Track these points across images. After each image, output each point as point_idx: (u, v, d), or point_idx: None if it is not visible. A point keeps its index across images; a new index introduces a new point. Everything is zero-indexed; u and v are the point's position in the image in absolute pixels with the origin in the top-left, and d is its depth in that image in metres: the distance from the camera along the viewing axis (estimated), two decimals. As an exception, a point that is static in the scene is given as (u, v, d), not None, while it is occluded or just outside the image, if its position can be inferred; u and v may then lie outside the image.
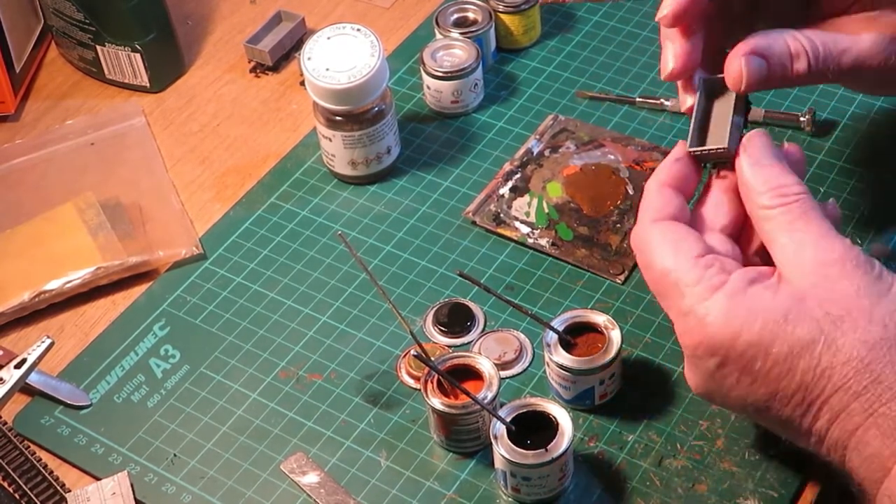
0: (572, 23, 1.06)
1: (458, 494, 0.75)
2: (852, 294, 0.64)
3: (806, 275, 0.65)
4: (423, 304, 0.86)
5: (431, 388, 0.76)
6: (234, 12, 1.13)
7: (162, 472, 0.78)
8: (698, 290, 0.66)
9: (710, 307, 0.66)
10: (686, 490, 0.74)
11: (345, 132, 0.91)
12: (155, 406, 0.82)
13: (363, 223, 0.92)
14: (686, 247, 0.68)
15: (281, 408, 0.81)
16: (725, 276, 0.66)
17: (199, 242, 0.91)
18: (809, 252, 0.66)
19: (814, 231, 0.66)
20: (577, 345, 0.77)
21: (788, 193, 0.67)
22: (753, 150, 0.69)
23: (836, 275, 0.65)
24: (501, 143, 0.96)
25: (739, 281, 0.66)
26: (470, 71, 0.97)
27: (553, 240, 0.88)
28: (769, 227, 0.67)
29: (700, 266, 0.67)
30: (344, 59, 0.90)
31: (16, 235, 0.92)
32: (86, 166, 0.98)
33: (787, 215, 0.67)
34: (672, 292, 0.68)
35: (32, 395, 0.83)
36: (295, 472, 0.77)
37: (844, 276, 0.64)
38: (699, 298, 0.66)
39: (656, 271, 0.69)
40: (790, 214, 0.67)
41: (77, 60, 1.07)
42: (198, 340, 0.85)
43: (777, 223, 0.67)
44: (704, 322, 0.66)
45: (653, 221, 0.70)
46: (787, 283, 0.65)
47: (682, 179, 0.72)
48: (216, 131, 1.01)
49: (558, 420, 0.73)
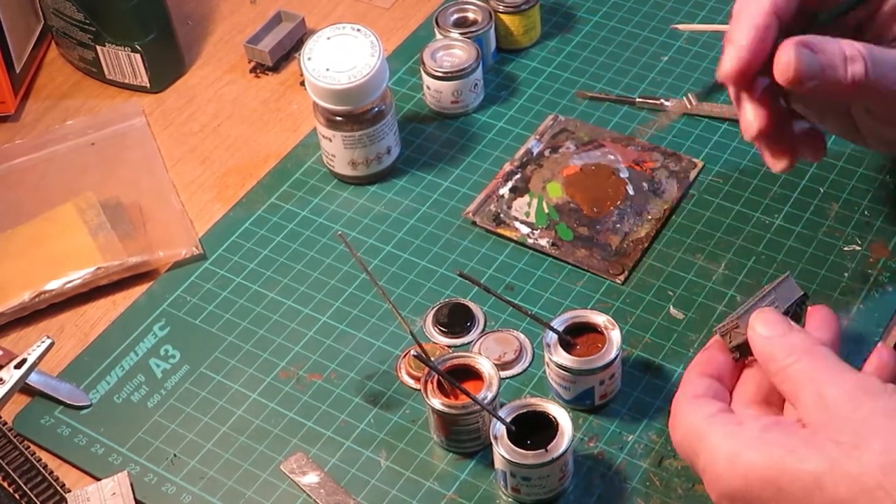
0: (572, 23, 1.06)
1: (458, 495, 0.75)
2: (866, 420, 0.62)
3: (818, 410, 0.64)
4: (423, 304, 0.86)
5: (431, 388, 0.76)
6: (234, 12, 1.13)
7: (162, 472, 0.78)
8: (711, 441, 0.65)
9: (721, 455, 0.65)
10: (686, 490, 0.74)
11: (345, 132, 0.91)
12: (155, 406, 0.82)
13: (363, 223, 0.92)
14: (701, 409, 0.68)
15: (281, 408, 0.81)
16: (737, 424, 0.66)
17: (200, 243, 0.91)
18: (822, 389, 0.64)
19: (823, 373, 0.65)
20: (577, 345, 0.77)
21: (796, 352, 0.66)
22: (760, 326, 0.69)
23: (848, 406, 0.63)
24: (501, 144, 0.96)
25: (753, 425, 0.65)
26: (470, 71, 0.97)
27: (553, 240, 0.88)
28: (788, 387, 0.66)
29: (712, 422, 0.66)
30: (344, 59, 0.90)
31: (16, 235, 0.92)
32: (86, 166, 0.98)
33: (801, 370, 0.66)
34: (692, 452, 0.67)
35: (32, 396, 0.83)
36: (295, 473, 0.77)
37: (858, 405, 0.63)
38: (713, 449, 0.65)
39: (678, 441, 0.68)
40: (803, 367, 0.66)
41: (77, 60, 1.07)
42: (198, 340, 0.85)
43: (793, 380, 0.66)
44: (718, 472, 0.65)
45: (678, 403, 0.69)
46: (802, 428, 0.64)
47: (713, 365, 0.71)
48: (216, 131, 1.01)
49: (558, 420, 0.73)
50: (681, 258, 0.86)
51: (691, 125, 0.95)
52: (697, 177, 0.92)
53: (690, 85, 0.99)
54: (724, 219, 0.88)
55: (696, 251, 0.87)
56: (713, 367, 0.71)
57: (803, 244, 0.86)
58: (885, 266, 0.84)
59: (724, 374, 0.71)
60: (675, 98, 0.97)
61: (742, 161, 0.92)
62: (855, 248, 0.85)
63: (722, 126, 0.95)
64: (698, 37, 1.03)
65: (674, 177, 0.91)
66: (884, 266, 0.84)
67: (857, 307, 0.82)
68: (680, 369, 0.80)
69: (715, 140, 0.94)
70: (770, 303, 0.71)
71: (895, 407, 0.62)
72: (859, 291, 0.83)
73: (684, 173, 0.91)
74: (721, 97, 0.95)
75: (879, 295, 0.83)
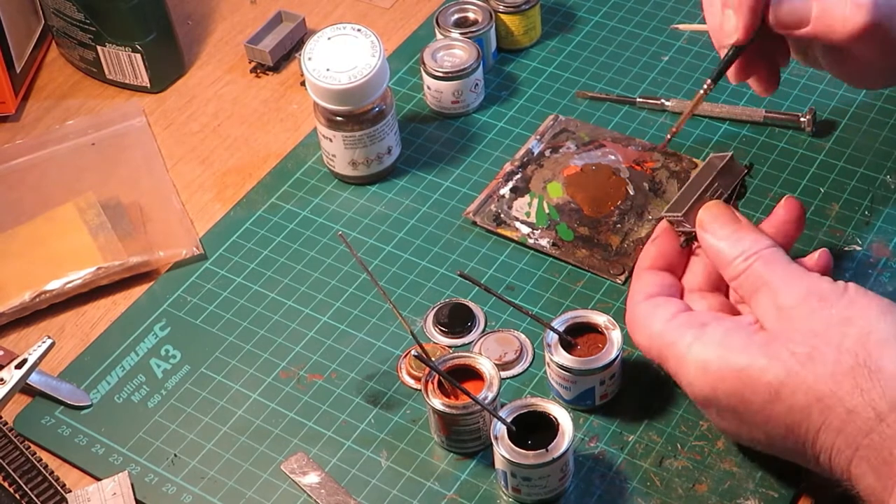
0: (573, 23, 1.06)
1: (459, 495, 0.75)
2: (819, 328, 0.64)
3: (774, 318, 0.67)
4: (423, 304, 0.86)
5: (432, 388, 0.76)
6: (235, 12, 1.13)
7: (162, 472, 0.78)
8: (678, 349, 0.68)
9: (689, 364, 0.68)
10: (686, 490, 0.74)
11: (345, 132, 0.91)
12: (155, 406, 0.82)
13: (363, 223, 0.92)
14: (659, 313, 0.70)
15: (281, 408, 0.81)
16: (700, 328, 0.68)
17: (200, 243, 0.91)
18: (776, 297, 0.67)
19: (778, 279, 0.67)
20: (578, 345, 0.77)
21: (752, 253, 0.69)
22: (709, 225, 0.71)
23: (802, 313, 0.65)
24: (502, 144, 0.96)
25: (714, 332, 0.68)
26: (470, 71, 0.97)
27: (553, 240, 0.88)
28: (743, 290, 0.70)
29: (673, 327, 0.69)
30: (344, 59, 0.90)
31: (16, 235, 0.92)
32: (86, 166, 0.98)
33: (755, 274, 0.68)
34: (661, 359, 0.71)
35: (33, 396, 0.83)
36: (295, 473, 0.77)
37: (810, 313, 0.65)
38: (680, 357, 0.68)
39: (643, 347, 0.72)
40: (756, 272, 0.68)
41: (77, 61, 1.07)
42: (198, 341, 0.85)
43: (748, 284, 0.69)
44: (689, 381, 0.68)
45: (633, 304, 0.73)
46: (760, 331, 0.67)
47: (663, 257, 0.74)
48: (217, 131, 1.01)
49: (559, 420, 0.73)
50: (681, 258, 0.87)
51: (691, 125, 0.95)
52: (698, 177, 0.92)
53: (691, 85, 0.99)
54: (724, 219, 0.88)
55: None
56: (663, 260, 0.74)
57: (803, 244, 0.86)
58: (885, 266, 0.84)
59: (674, 264, 0.74)
60: (676, 98, 0.97)
61: (742, 161, 0.92)
62: (855, 248, 0.85)
63: (722, 126, 0.95)
64: (698, 37, 1.03)
65: (674, 177, 0.91)
66: (884, 266, 0.84)
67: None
68: (680, 369, 0.80)
69: (715, 140, 0.94)
70: (714, 191, 0.71)
71: (847, 315, 0.64)
72: (860, 291, 0.83)
73: (684, 173, 0.91)
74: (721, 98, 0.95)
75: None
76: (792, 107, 0.95)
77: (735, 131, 0.94)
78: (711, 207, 0.71)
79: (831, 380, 0.63)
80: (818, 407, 0.63)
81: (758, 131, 0.94)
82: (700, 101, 0.78)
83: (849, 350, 0.63)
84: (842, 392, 0.62)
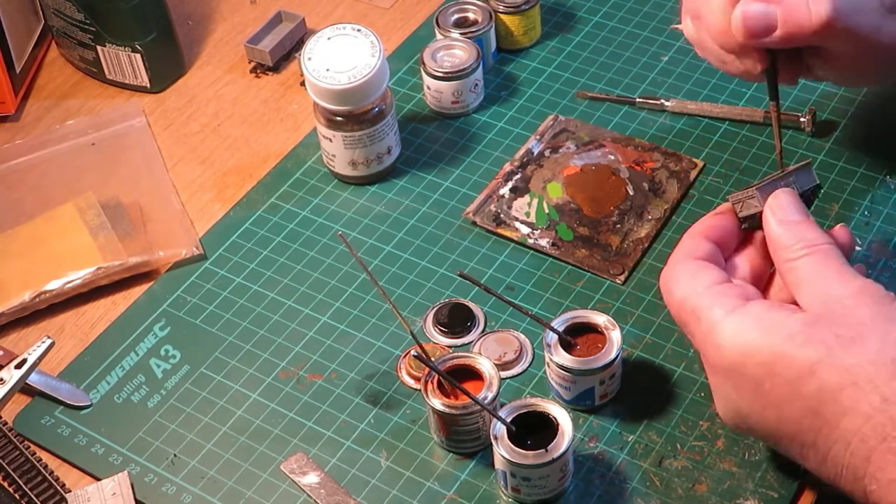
0: (572, 23, 1.06)
1: (459, 495, 0.75)
2: (866, 319, 0.63)
3: (822, 304, 0.65)
4: (423, 304, 0.86)
5: (432, 388, 0.76)
6: (235, 12, 1.13)
7: (162, 472, 0.78)
8: (715, 313, 0.67)
9: (725, 329, 0.66)
10: (686, 490, 0.74)
11: (345, 132, 0.91)
12: (155, 406, 0.82)
13: (363, 223, 0.92)
14: (705, 276, 0.69)
15: (281, 408, 0.81)
16: (743, 301, 0.67)
17: (200, 243, 0.91)
18: (828, 287, 0.66)
19: (833, 272, 0.66)
20: (578, 345, 0.77)
21: (813, 244, 0.68)
22: (779, 209, 0.70)
23: (851, 304, 0.64)
24: (502, 144, 0.96)
25: (757, 306, 0.66)
26: (470, 71, 0.97)
27: (553, 240, 0.88)
28: (794, 277, 0.68)
29: (716, 292, 0.68)
30: (344, 59, 0.90)
31: (16, 235, 0.92)
32: (86, 166, 0.98)
33: (811, 264, 0.67)
34: (691, 319, 0.68)
35: (33, 396, 0.83)
36: (295, 473, 0.77)
37: (861, 305, 0.64)
38: (715, 322, 0.67)
39: (676, 301, 0.69)
40: (813, 262, 0.67)
41: (77, 61, 1.07)
42: (198, 341, 0.85)
43: (801, 272, 0.67)
44: (719, 344, 0.66)
45: (677, 261, 0.71)
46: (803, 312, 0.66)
47: (718, 230, 0.72)
48: (217, 131, 1.01)
49: (558, 420, 0.73)
50: (681, 258, 0.86)
51: (691, 125, 0.95)
52: (697, 177, 0.92)
53: (690, 85, 0.99)
54: (724, 219, 0.88)
55: (697, 251, 0.87)
56: (717, 233, 0.72)
57: (803, 244, 0.86)
58: (885, 266, 0.84)
59: (725, 244, 0.73)
60: (676, 98, 0.97)
61: (742, 161, 0.92)
62: (855, 248, 0.85)
63: (722, 126, 0.95)
64: (698, 37, 1.03)
65: (674, 177, 0.91)
66: (884, 266, 0.84)
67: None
68: (680, 369, 0.80)
69: (715, 140, 0.94)
70: (788, 184, 0.71)
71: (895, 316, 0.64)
72: (859, 291, 0.83)
73: (684, 173, 0.91)
74: (721, 98, 0.95)
75: (880, 295, 0.83)
76: (792, 107, 0.95)
77: (735, 131, 0.94)
78: (783, 194, 0.70)
79: (871, 366, 0.62)
80: (851, 391, 0.62)
81: (758, 131, 0.94)
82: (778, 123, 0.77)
83: (893, 343, 0.62)
84: (879, 379, 0.61)
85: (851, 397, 0.62)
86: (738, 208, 0.72)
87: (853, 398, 0.62)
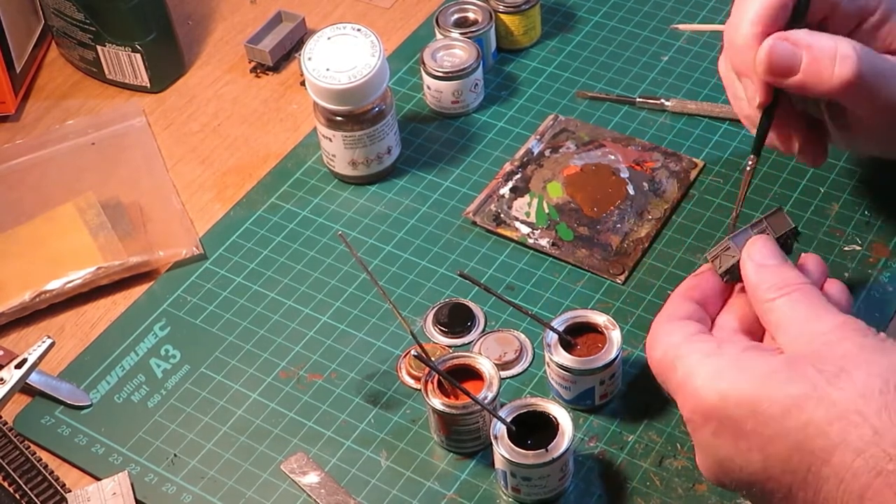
0: (572, 23, 1.06)
1: (459, 495, 0.75)
2: (850, 352, 0.62)
3: (804, 342, 0.64)
4: (423, 304, 0.86)
5: (432, 388, 0.76)
6: (235, 12, 1.13)
7: (162, 472, 0.78)
8: (691, 359, 0.66)
9: (700, 372, 0.65)
10: (686, 490, 0.74)
11: (345, 132, 0.91)
12: (155, 406, 0.82)
13: (363, 223, 0.92)
14: (683, 330, 0.68)
15: (281, 408, 0.81)
16: (717, 345, 0.66)
17: (200, 242, 0.91)
18: (808, 325, 0.65)
19: (813, 308, 0.65)
20: (578, 345, 0.77)
21: (790, 285, 0.67)
22: (756, 253, 0.69)
23: (833, 339, 0.63)
24: (502, 144, 0.96)
25: (732, 347, 0.66)
26: (470, 71, 0.97)
27: (553, 240, 0.88)
28: (773, 318, 0.67)
29: (693, 341, 0.67)
30: (344, 59, 0.90)
31: (16, 235, 0.92)
32: (86, 166, 0.98)
33: (789, 303, 0.66)
34: (669, 371, 0.67)
35: (33, 395, 0.83)
36: (295, 473, 0.77)
37: (843, 339, 0.63)
38: (691, 367, 0.65)
39: (656, 359, 0.68)
40: (791, 301, 0.66)
41: (77, 60, 1.07)
42: (198, 340, 0.85)
43: (780, 312, 0.66)
44: (695, 387, 0.64)
45: (658, 323, 0.70)
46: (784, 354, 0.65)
47: (699, 290, 0.72)
48: (217, 131, 1.01)
49: (559, 420, 0.73)
50: (681, 258, 0.87)
51: (691, 125, 0.95)
52: (697, 177, 0.92)
53: (690, 85, 0.99)
54: (724, 219, 0.88)
55: (697, 251, 0.87)
56: (698, 293, 0.72)
57: (803, 244, 0.86)
58: (885, 266, 0.84)
59: (709, 301, 0.72)
60: (676, 98, 0.97)
61: (742, 161, 0.92)
62: (855, 248, 0.85)
63: (722, 126, 0.95)
64: (698, 37, 1.03)
65: (674, 177, 0.91)
66: (884, 266, 0.84)
67: (858, 307, 0.82)
68: (680, 369, 0.80)
69: (715, 140, 0.94)
70: (761, 231, 0.71)
71: (880, 346, 0.62)
72: (859, 291, 0.83)
73: (684, 173, 0.91)
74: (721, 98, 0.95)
75: (880, 295, 0.83)
76: (792, 107, 0.95)
77: (735, 131, 0.94)
78: (760, 240, 0.70)
79: (860, 399, 0.60)
80: (839, 425, 0.60)
81: (758, 131, 0.94)
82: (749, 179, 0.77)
83: (880, 375, 0.60)
84: (868, 412, 0.59)
85: (841, 431, 0.59)
86: (716, 265, 0.71)
87: (843, 431, 0.59)
